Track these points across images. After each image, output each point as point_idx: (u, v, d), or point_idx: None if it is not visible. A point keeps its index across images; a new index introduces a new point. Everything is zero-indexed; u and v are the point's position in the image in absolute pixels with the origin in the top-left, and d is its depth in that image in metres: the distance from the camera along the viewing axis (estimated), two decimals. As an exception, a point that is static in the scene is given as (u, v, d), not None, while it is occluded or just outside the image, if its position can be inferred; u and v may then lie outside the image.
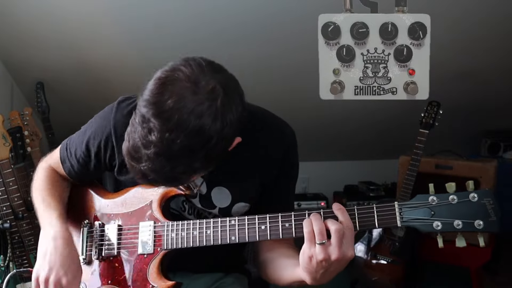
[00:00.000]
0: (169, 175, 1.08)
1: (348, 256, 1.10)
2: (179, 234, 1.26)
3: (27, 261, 2.29)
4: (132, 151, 1.07)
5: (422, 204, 1.11)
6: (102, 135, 1.34)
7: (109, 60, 2.83)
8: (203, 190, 1.35)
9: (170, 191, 1.32)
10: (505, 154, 3.55)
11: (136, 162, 1.08)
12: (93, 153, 1.37)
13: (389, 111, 3.17)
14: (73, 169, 1.43)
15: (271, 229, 1.17)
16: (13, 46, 2.76)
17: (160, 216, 1.31)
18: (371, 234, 2.87)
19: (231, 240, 1.21)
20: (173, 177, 1.10)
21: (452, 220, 1.08)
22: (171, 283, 1.27)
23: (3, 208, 2.21)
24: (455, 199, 1.09)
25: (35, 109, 2.86)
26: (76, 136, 1.43)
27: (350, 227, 1.11)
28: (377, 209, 1.12)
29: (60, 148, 1.47)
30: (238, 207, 1.37)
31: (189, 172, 1.10)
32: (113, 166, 1.36)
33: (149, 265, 1.29)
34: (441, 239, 1.11)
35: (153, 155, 1.04)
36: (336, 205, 1.15)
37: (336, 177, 3.64)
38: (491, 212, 1.07)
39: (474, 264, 2.88)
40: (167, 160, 1.04)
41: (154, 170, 1.06)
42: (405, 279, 2.79)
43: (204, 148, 1.05)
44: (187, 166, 1.07)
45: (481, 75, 3.05)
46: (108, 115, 1.34)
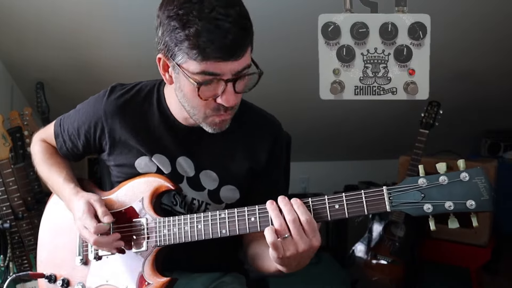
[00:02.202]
0: (244, 23, 1.15)
1: (314, 245, 1.10)
2: (171, 230, 1.27)
3: (27, 261, 2.29)
4: (208, 28, 1.11)
5: (412, 187, 1.08)
6: (93, 116, 1.41)
7: (109, 60, 2.83)
8: (190, 173, 1.38)
9: (160, 186, 1.34)
10: (505, 154, 3.55)
11: (217, 30, 1.11)
12: (82, 132, 1.44)
13: (389, 111, 3.17)
14: (65, 145, 1.50)
15: (261, 220, 1.17)
16: (13, 46, 2.76)
17: (151, 213, 1.32)
18: (371, 234, 2.87)
19: (222, 234, 1.21)
20: (246, 26, 1.16)
21: (443, 201, 1.05)
22: (166, 279, 1.27)
23: (3, 208, 2.21)
24: (445, 180, 1.05)
25: (35, 109, 2.86)
26: (70, 114, 1.50)
27: (306, 215, 1.10)
28: (366, 195, 1.09)
29: (54, 123, 1.54)
30: (226, 190, 1.39)
31: (249, 23, 1.17)
32: (103, 147, 1.43)
33: (144, 262, 1.30)
34: (433, 221, 1.08)
35: (227, 11, 1.12)
36: (282, 199, 1.14)
37: (336, 177, 3.64)
38: (483, 191, 1.03)
39: (474, 264, 2.88)
40: (240, 9, 1.15)
41: (234, 21, 1.12)
42: (405, 279, 2.79)
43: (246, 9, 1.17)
44: (247, 18, 1.17)
45: (481, 75, 3.06)
46: (101, 98, 1.42)
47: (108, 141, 1.41)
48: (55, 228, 1.49)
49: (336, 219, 1.13)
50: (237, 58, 1.15)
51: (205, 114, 1.24)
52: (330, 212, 1.12)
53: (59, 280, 1.42)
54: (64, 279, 1.41)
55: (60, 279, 1.42)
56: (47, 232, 1.52)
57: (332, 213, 1.12)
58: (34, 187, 2.45)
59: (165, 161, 1.38)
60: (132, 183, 1.38)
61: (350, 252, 2.94)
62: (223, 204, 1.40)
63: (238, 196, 1.40)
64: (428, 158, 2.93)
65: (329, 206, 1.12)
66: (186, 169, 1.38)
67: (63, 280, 1.41)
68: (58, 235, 1.48)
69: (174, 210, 1.41)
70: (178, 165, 1.38)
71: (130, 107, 1.40)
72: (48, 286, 1.43)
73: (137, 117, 1.39)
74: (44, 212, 1.56)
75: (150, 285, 1.28)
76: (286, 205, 1.12)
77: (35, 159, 1.55)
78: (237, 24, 1.12)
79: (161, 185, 1.34)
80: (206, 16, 1.10)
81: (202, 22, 1.10)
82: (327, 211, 1.12)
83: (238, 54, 1.15)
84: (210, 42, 1.11)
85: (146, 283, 1.28)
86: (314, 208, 1.13)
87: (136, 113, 1.39)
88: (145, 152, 1.38)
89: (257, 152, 1.39)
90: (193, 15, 1.10)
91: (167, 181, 1.34)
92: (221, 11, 1.11)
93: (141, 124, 1.38)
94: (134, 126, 1.38)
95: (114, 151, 1.41)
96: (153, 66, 1.45)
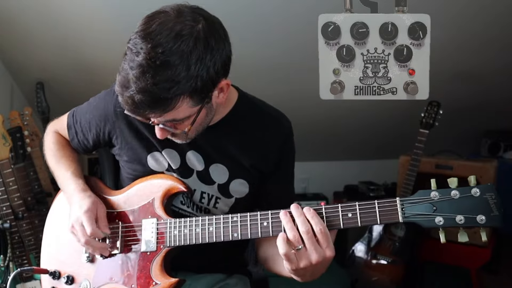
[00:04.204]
0: (155, 92, 1.10)
1: (327, 256, 1.11)
2: (182, 231, 1.27)
3: (27, 261, 2.29)
4: (122, 79, 1.13)
5: (424, 200, 1.10)
6: (103, 110, 1.42)
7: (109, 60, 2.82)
8: (200, 167, 1.38)
9: (173, 188, 1.34)
10: (505, 154, 3.55)
11: (125, 89, 1.12)
12: (93, 125, 1.45)
13: (389, 111, 3.17)
14: (76, 136, 1.51)
15: (273, 225, 1.17)
16: (13, 46, 2.76)
17: (162, 214, 1.32)
18: (371, 234, 2.87)
19: (233, 237, 1.21)
20: (158, 95, 1.11)
21: (454, 215, 1.08)
22: (174, 280, 1.28)
23: (3, 208, 2.21)
24: (457, 194, 1.09)
25: (35, 109, 2.86)
26: (83, 106, 1.52)
27: (319, 226, 1.11)
28: (379, 205, 1.12)
29: (68, 114, 1.55)
30: (236, 184, 1.39)
31: (173, 87, 1.10)
32: (112, 142, 1.43)
33: (152, 262, 1.30)
34: (443, 234, 1.10)
35: (138, 74, 1.09)
36: (295, 209, 1.14)
37: (336, 177, 3.64)
38: (493, 207, 1.06)
39: (474, 264, 2.89)
40: (152, 76, 1.08)
41: (141, 90, 1.10)
42: (405, 279, 2.79)
43: (184, 63, 1.09)
44: (171, 81, 1.10)
45: (481, 75, 3.05)
46: (113, 92, 1.40)
47: (118, 136, 1.42)
48: (61, 225, 1.49)
49: (348, 227, 1.14)
50: (147, 116, 1.17)
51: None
52: (343, 220, 1.13)
53: (64, 277, 1.41)
54: (68, 276, 1.41)
55: (65, 275, 1.41)
56: (53, 228, 1.52)
57: (345, 222, 1.13)
58: (34, 187, 2.45)
59: (175, 156, 1.38)
60: (144, 184, 1.39)
61: (350, 252, 2.94)
62: (233, 198, 1.41)
63: (247, 190, 1.41)
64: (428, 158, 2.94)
65: (342, 215, 1.13)
66: (195, 163, 1.38)
67: (67, 276, 1.41)
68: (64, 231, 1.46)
69: (182, 210, 1.41)
70: (187, 159, 1.39)
71: None
72: (52, 282, 1.43)
73: None
74: (50, 208, 1.56)
75: (158, 285, 1.28)
76: (300, 216, 1.12)
77: (46, 149, 1.57)
78: (144, 91, 1.10)
79: (173, 186, 1.34)
80: (126, 67, 1.12)
81: (121, 73, 1.13)
82: (340, 220, 1.14)
83: (145, 115, 1.17)
84: (120, 94, 1.15)
85: (153, 283, 1.29)
86: (327, 216, 1.14)
87: None
88: (157, 146, 1.38)
89: (265, 150, 1.40)
90: (125, 59, 1.14)
91: (179, 182, 1.35)
92: (136, 71, 1.10)
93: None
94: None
95: (126, 146, 1.42)
96: (153, 66, 1.45)
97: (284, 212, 1.14)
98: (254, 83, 1.95)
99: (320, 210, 1.14)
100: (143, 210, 1.35)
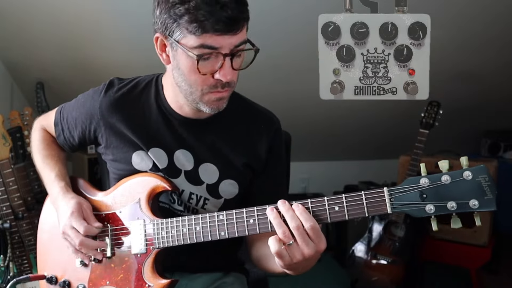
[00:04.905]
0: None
1: (320, 249, 1.09)
2: (169, 232, 1.26)
3: (27, 261, 2.29)
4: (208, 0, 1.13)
5: (413, 188, 1.05)
6: (90, 108, 1.42)
7: (109, 60, 2.82)
8: (189, 166, 1.37)
9: (157, 187, 1.33)
10: (505, 154, 3.55)
11: (216, 4, 1.13)
12: (79, 123, 1.44)
13: (389, 111, 3.17)
14: (63, 133, 1.50)
15: (260, 222, 1.16)
16: (13, 46, 2.76)
17: (149, 214, 1.31)
18: (371, 234, 2.87)
19: (221, 236, 1.20)
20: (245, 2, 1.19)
21: (446, 202, 1.02)
22: (166, 281, 1.27)
23: (3, 208, 2.21)
24: (448, 179, 1.02)
25: (35, 109, 2.85)
26: (71, 103, 1.51)
27: (310, 222, 1.09)
28: (366, 196, 1.07)
29: (55, 111, 1.54)
30: (226, 185, 1.38)
31: (246, 5, 1.19)
32: (98, 140, 1.43)
33: (144, 264, 1.29)
34: (435, 222, 1.05)
35: None
36: (282, 204, 1.12)
37: (336, 177, 3.64)
38: (486, 189, 1.00)
39: (474, 264, 2.89)
40: None
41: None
42: (405, 279, 2.79)
43: None
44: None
45: (481, 75, 3.05)
46: (99, 91, 1.42)
47: (104, 134, 1.41)
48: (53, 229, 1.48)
49: (336, 221, 1.12)
50: (236, 32, 1.17)
51: (202, 91, 1.24)
52: (330, 214, 1.10)
53: (60, 282, 1.41)
54: (65, 281, 1.40)
55: (61, 280, 1.41)
56: (45, 233, 1.51)
57: (332, 215, 1.10)
58: (34, 187, 2.45)
59: (162, 155, 1.37)
60: (128, 183, 1.37)
61: (350, 252, 2.94)
62: (222, 199, 1.40)
63: (237, 191, 1.40)
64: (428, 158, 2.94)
65: (329, 208, 1.10)
66: (184, 163, 1.37)
67: (64, 281, 1.40)
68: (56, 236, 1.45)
69: (173, 208, 1.40)
70: (175, 158, 1.37)
71: (127, 101, 1.40)
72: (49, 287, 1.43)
73: (134, 111, 1.39)
74: (41, 212, 1.55)
75: (151, 287, 1.28)
76: (288, 211, 1.10)
77: (32, 148, 1.56)
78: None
79: (158, 185, 1.33)
80: None
81: None
82: (327, 213, 1.10)
83: (237, 28, 1.17)
84: (209, 14, 1.13)
85: (146, 285, 1.28)
86: (313, 210, 1.11)
87: (133, 106, 1.39)
88: (142, 146, 1.37)
89: (256, 147, 1.39)
90: None
91: (164, 181, 1.33)
92: None
93: (138, 118, 1.38)
94: (131, 120, 1.38)
95: (111, 144, 1.41)
96: (153, 67, 1.46)
97: (270, 208, 1.12)
98: (254, 83, 1.96)
99: (306, 203, 1.11)
100: (130, 211, 1.34)
